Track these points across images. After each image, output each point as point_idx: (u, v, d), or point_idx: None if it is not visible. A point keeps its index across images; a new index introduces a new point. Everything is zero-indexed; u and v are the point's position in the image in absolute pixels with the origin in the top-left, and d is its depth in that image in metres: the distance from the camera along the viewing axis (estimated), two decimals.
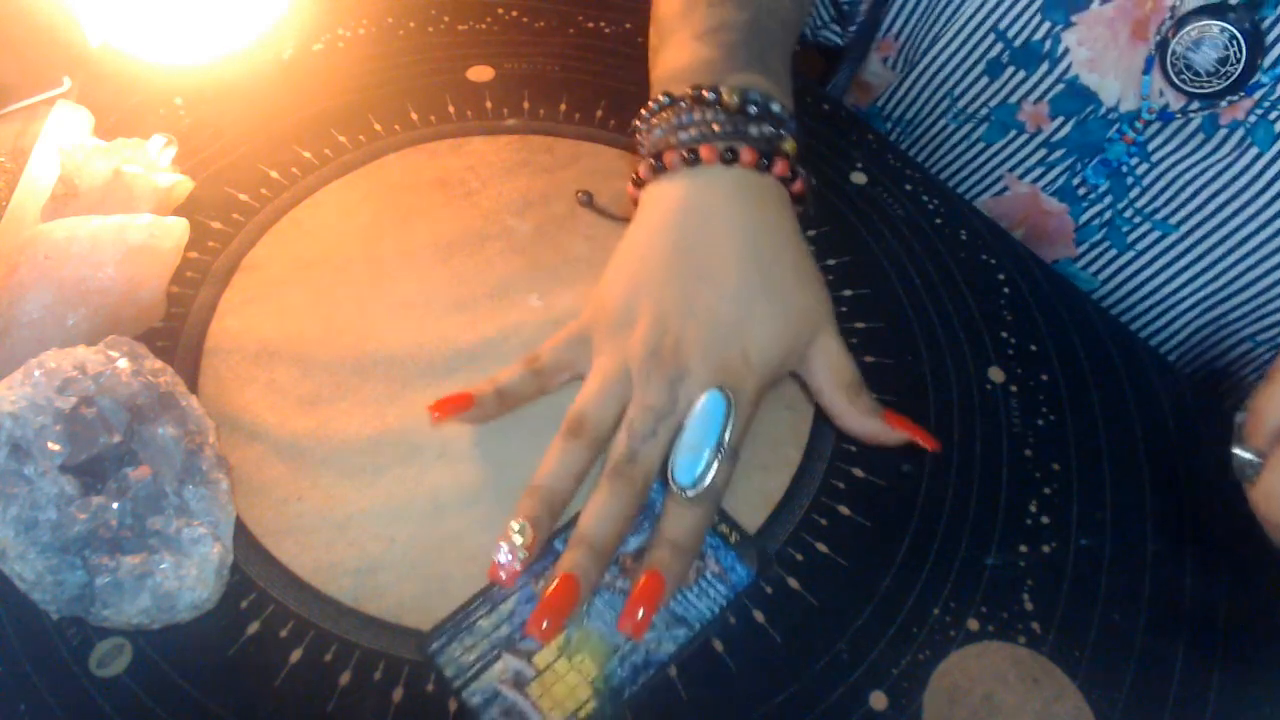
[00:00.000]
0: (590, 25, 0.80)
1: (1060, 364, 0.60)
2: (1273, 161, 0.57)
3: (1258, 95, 0.56)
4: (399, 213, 0.65)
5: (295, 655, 0.46)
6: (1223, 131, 0.58)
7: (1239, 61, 0.55)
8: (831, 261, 0.64)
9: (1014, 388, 0.58)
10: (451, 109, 0.72)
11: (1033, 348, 0.61)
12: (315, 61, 0.75)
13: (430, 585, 0.48)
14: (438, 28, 0.78)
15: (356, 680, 0.45)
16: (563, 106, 0.72)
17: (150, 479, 0.46)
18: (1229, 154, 0.58)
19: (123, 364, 0.48)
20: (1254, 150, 0.57)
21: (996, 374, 0.59)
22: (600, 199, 0.66)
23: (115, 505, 0.45)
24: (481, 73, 0.75)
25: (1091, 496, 0.54)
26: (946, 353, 0.60)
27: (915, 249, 0.65)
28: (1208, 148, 0.60)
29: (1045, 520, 0.53)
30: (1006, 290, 0.63)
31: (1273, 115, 0.56)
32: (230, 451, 0.52)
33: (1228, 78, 0.56)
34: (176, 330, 0.57)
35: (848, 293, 0.62)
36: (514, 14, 0.80)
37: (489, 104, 0.72)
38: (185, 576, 0.44)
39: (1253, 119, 0.56)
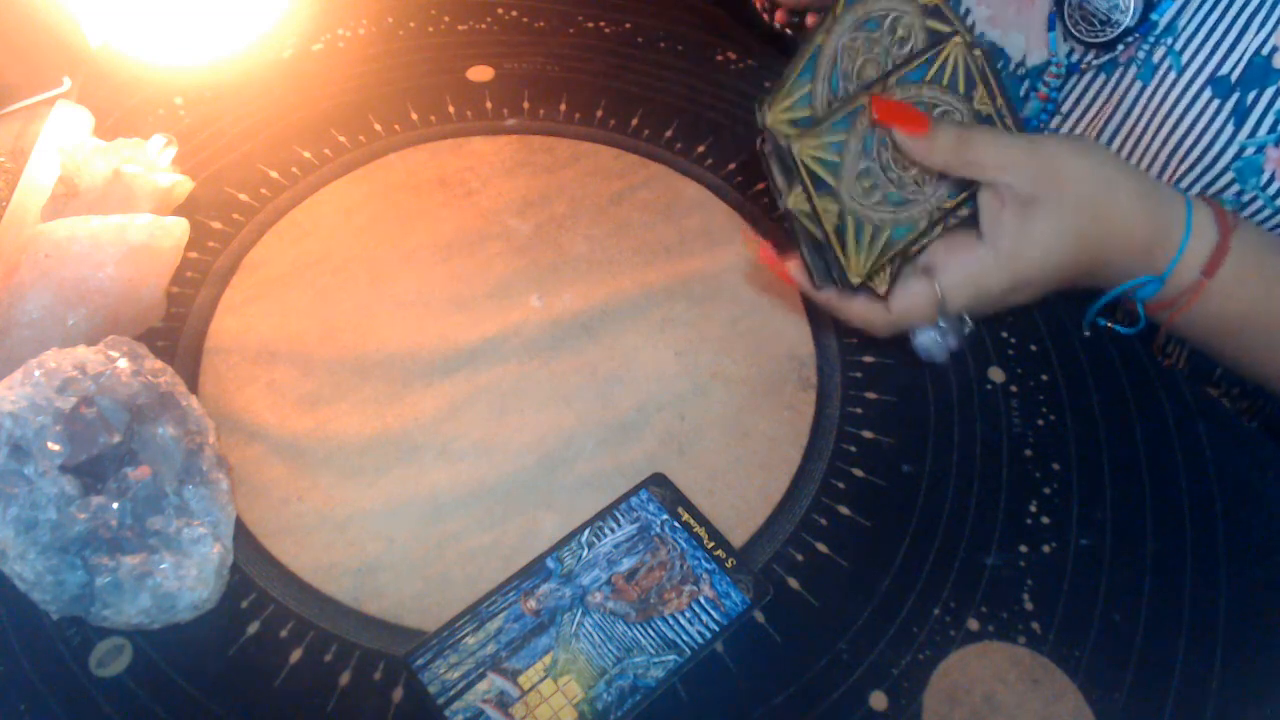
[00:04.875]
0: (590, 25, 0.80)
1: (1060, 364, 0.60)
2: (1155, 92, 0.59)
3: (1148, 34, 0.58)
4: (399, 213, 0.65)
5: (295, 655, 0.46)
6: (1119, 70, 0.61)
7: (1128, 9, 0.57)
8: None
9: (1014, 388, 0.58)
10: (451, 109, 0.72)
11: (1033, 348, 0.61)
12: (315, 61, 0.75)
13: (430, 585, 0.48)
14: (438, 28, 0.78)
15: (356, 680, 0.45)
16: (563, 106, 0.72)
17: (150, 479, 0.46)
18: (1123, 91, 0.61)
19: (123, 364, 0.48)
20: (1139, 84, 0.59)
21: (996, 374, 0.59)
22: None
23: (115, 505, 0.45)
24: (481, 73, 0.75)
25: (1091, 496, 0.54)
26: None
27: None
28: (1106, 90, 0.62)
29: (1045, 520, 0.53)
30: None
31: (1157, 51, 0.58)
32: (230, 451, 0.52)
33: (1118, 25, 0.58)
34: (176, 330, 0.57)
35: None
36: (514, 14, 0.80)
37: (489, 104, 0.72)
38: (185, 576, 0.44)
39: (1141, 54, 0.58)
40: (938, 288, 0.49)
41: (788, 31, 0.70)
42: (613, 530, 0.49)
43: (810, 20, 0.69)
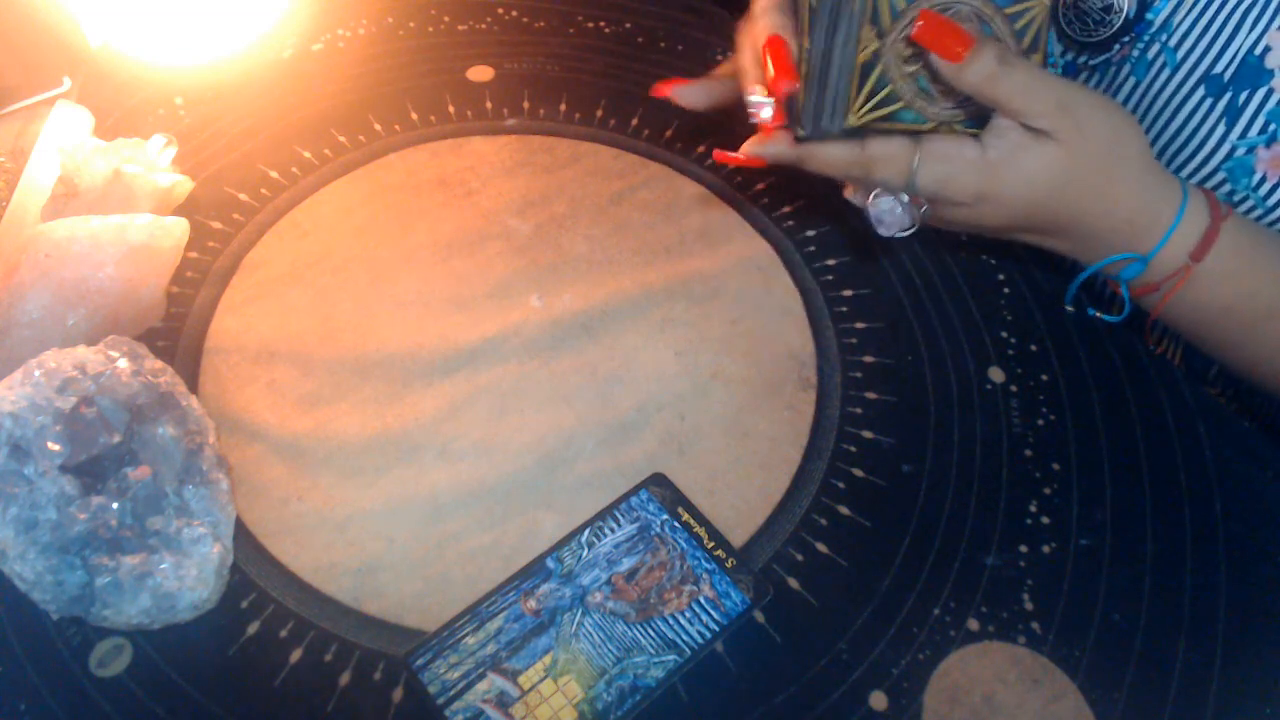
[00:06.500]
0: (590, 25, 0.80)
1: (1060, 364, 0.60)
2: (1148, 89, 0.59)
3: (1143, 34, 0.58)
4: (399, 213, 0.65)
5: (295, 655, 0.46)
6: (1112, 70, 0.61)
7: (1122, 9, 0.57)
8: (831, 262, 0.64)
9: (1014, 388, 0.58)
10: (451, 109, 0.72)
11: (1033, 348, 0.61)
12: (315, 61, 0.75)
13: (430, 585, 0.48)
14: (438, 28, 0.78)
15: (356, 680, 0.45)
16: (563, 106, 0.73)
17: (150, 479, 0.46)
18: (1116, 87, 0.61)
19: (123, 364, 0.48)
20: (1133, 81, 0.59)
21: (996, 374, 0.59)
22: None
23: (115, 505, 0.45)
24: (481, 73, 0.75)
25: (1091, 496, 0.54)
26: (946, 353, 0.60)
27: (916, 250, 0.65)
28: (1100, 86, 0.62)
29: (1045, 520, 0.53)
30: (1006, 290, 0.63)
31: (1151, 48, 0.58)
32: (230, 451, 0.52)
33: (1113, 25, 0.58)
34: (176, 330, 0.57)
35: (848, 293, 0.62)
36: (514, 14, 0.80)
37: (489, 104, 0.72)
38: (185, 576, 0.44)
39: (1135, 53, 0.59)
40: (917, 157, 0.49)
41: None
42: (613, 530, 0.49)
43: None
